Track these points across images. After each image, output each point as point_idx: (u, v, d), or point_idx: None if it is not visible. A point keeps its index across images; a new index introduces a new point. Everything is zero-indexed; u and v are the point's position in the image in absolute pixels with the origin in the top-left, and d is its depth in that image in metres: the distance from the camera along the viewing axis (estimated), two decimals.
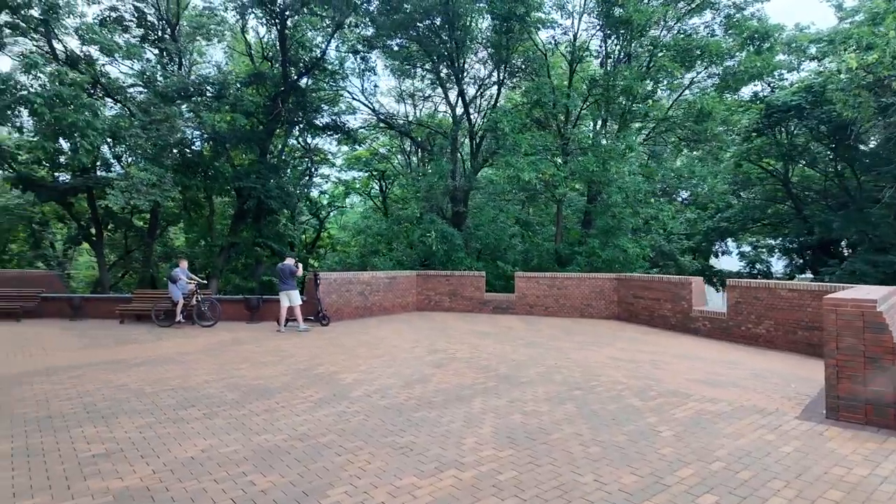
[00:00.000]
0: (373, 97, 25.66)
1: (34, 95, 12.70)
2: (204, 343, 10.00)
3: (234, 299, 13.47)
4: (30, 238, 30.80)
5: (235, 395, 6.25)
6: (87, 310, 13.94)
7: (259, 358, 8.51)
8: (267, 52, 21.25)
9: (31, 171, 19.82)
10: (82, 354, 8.96)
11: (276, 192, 19.09)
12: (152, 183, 14.88)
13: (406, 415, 5.45)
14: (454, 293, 14.86)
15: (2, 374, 7.47)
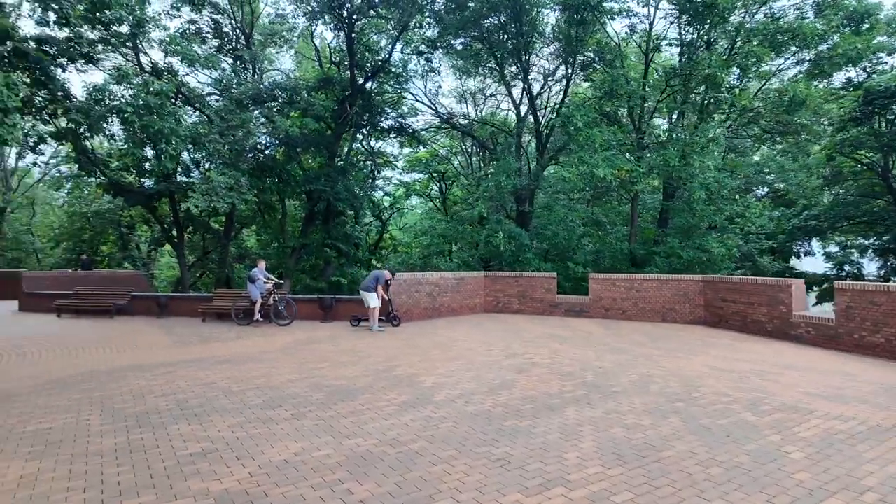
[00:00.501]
0: (435, 98, 25.56)
1: (125, 105, 13.53)
2: (282, 342, 10.17)
3: (307, 299, 13.71)
4: (118, 240, 33.16)
5: (320, 395, 6.20)
6: (172, 308, 14.65)
7: (337, 357, 8.50)
8: (334, 56, 21.68)
9: (120, 177, 21.20)
10: (171, 352, 9.32)
11: (344, 194, 19.40)
12: (230, 186, 15.47)
13: (496, 423, 5.15)
14: (523, 295, 14.44)
15: (102, 369, 7.85)
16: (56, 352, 9.40)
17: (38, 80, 14.05)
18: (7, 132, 10.06)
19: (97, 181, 23.39)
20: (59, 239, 32.77)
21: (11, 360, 8.65)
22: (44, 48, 14.24)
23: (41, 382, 7.07)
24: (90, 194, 30.29)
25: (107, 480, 3.88)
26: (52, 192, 40.01)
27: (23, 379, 7.28)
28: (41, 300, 16.07)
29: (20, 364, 8.34)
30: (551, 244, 18.30)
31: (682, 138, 15.76)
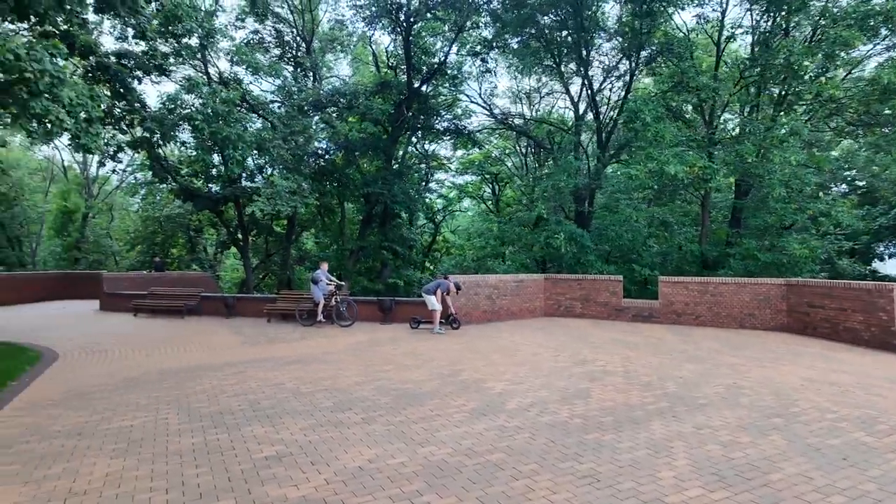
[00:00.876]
0: (490, 99, 25.27)
1: (196, 112, 14.12)
2: (345, 343, 10.19)
3: (367, 300, 13.77)
4: (187, 243, 34.88)
5: (387, 399, 6.07)
6: (239, 308, 15.12)
7: (401, 360, 8.39)
8: (391, 61, 21.85)
9: (190, 182, 22.22)
10: (241, 351, 9.52)
11: (400, 196, 19.47)
12: (293, 190, 15.82)
13: (576, 436, 4.82)
14: (587, 298, 13.89)
15: (177, 368, 8.09)
16: (134, 350, 9.82)
17: (118, 91, 14.91)
18: (91, 141, 10.64)
19: (169, 187, 24.65)
20: (135, 242, 34.86)
21: (94, 358, 9.09)
22: (122, 62, 15.10)
23: (121, 379, 7.35)
24: (162, 200, 32.05)
25: (187, 482, 3.87)
26: (128, 198, 42.71)
27: (104, 376, 7.60)
28: (119, 300, 17.01)
29: (102, 361, 8.75)
30: (614, 246, 17.59)
31: (759, 132, 14.71)
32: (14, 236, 38.44)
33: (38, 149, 44.29)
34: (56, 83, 9.52)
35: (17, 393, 6.63)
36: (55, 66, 9.32)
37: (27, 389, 6.80)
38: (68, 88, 10.22)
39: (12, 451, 4.56)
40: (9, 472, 4.10)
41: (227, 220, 25.60)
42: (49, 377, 7.52)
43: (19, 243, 38.78)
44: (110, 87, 15.25)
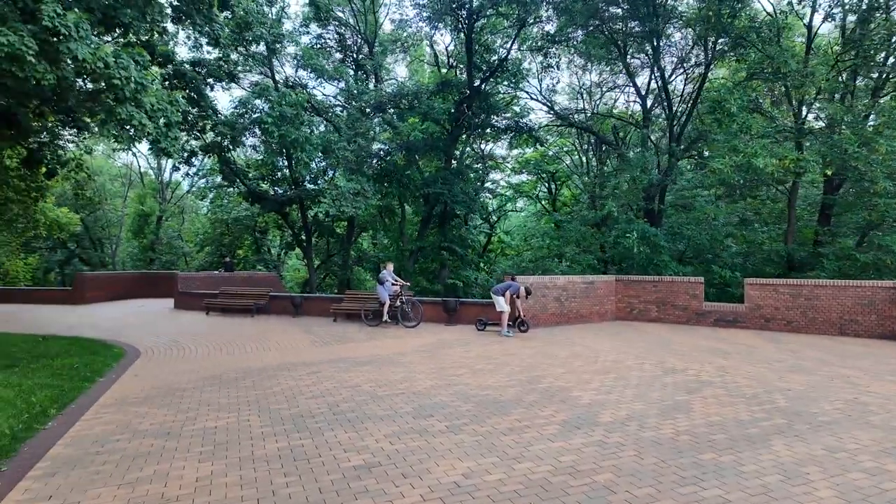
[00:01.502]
0: (551, 95, 24.57)
1: (265, 115, 14.45)
2: (413, 344, 10.00)
3: (431, 301, 13.58)
4: (253, 244, 36.18)
5: (469, 406, 5.76)
6: (306, 308, 15.32)
7: (474, 364, 8.07)
8: (450, 60, 21.67)
9: (257, 185, 22.94)
10: (312, 351, 9.51)
11: (461, 196, 19.22)
12: (356, 191, 15.90)
13: (689, 456, 4.32)
14: (663, 301, 13.08)
15: (253, 367, 8.13)
16: (210, 348, 10.03)
17: (192, 98, 15.51)
18: (170, 145, 11.02)
19: (237, 190, 25.61)
20: (204, 243, 36.53)
21: (173, 355, 9.33)
22: (196, 69, 15.71)
23: (202, 377, 7.44)
24: (230, 203, 33.39)
25: (278, 492, 3.70)
26: (198, 201, 44.88)
27: (186, 373, 7.73)
28: (192, 299, 17.69)
29: (182, 359, 8.96)
30: (689, 245, 16.53)
31: (857, 121, 13.36)
32: (97, 238, 41.27)
33: (118, 156, 47.45)
34: (140, 90, 9.85)
35: (105, 389, 6.82)
36: (140, 74, 9.64)
37: (114, 386, 6.99)
38: (150, 95, 10.59)
39: (105, 449, 4.58)
40: (104, 471, 4.09)
41: (292, 221, 26.28)
42: (133, 374, 7.73)
43: (101, 245, 41.58)
44: (186, 93, 15.90)
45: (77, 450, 4.58)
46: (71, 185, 22.05)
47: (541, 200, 41.19)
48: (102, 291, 20.68)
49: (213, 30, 13.62)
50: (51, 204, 27.31)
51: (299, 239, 26.21)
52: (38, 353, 8.86)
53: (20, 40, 7.85)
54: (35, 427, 5.15)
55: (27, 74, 8.15)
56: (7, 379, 6.95)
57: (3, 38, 7.79)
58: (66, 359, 8.43)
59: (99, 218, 40.68)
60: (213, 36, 13.71)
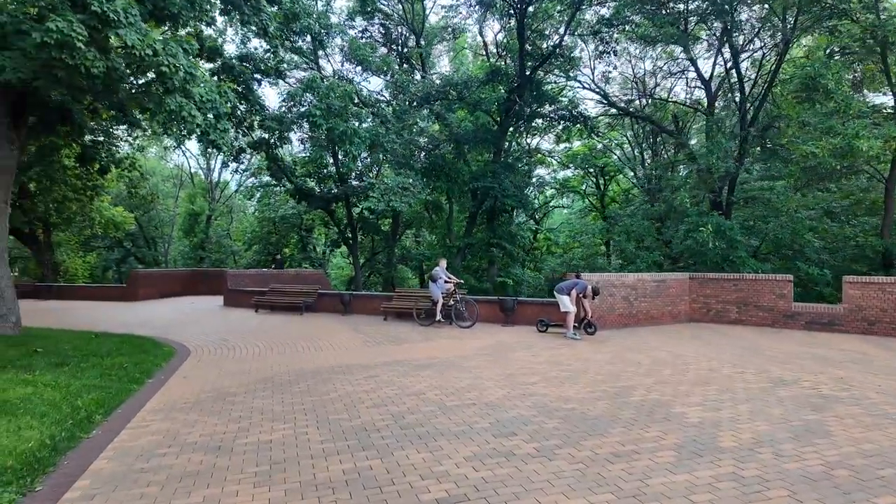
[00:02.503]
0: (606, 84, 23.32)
1: (314, 108, 14.04)
2: (473, 346, 9.25)
3: (486, 300, 12.79)
4: (299, 242, 36.36)
5: (555, 422, 4.95)
6: (354, 306, 14.84)
7: (546, 370, 7.24)
8: (500, 49, 20.79)
9: (304, 182, 22.74)
10: (366, 352, 8.91)
11: (512, 191, 18.34)
12: (405, 186, 15.30)
13: (862, 498, 3.37)
14: (745, 302, 11.83)
15: (307, 369, 7.58)
16: (261, 347, 9.59)
17: (240, 93, 15.29)
18: (219, 137, 10.69)
19: (284, 188, 25.58)
20: (251, 242, 36.99)
21: (223, 355, 8.92)
22: (244, 64, 15.48)
23: (253, 380, 6.92)
24: (277, 202, 33.64)
25: None
26: (245, 201, 45.73)
27: (237, 375, 7.24)
28: (241, 296, 17.55)
29: (232, 359, 8.52)
30: (767, 240, 15.06)
31: None
32: (150, 237, 42.57)
33: (170, 157, 48.95)
34: (189, 79, 9.49)
35: (154, 391, 6.39)
36: (189, 62, 9.28)
37: (163, 388, 6.55)
38: (199, 86, 10.24)
39: (151, 465, 4.03)
40: (148, 495, 3.52)
41: (338, 219, 26.06)
42: (183, 375, 7.30)
43: (155, 243, 42.86)
44: (234, 88, 15.71)
45: (121, 464, 4.06)
46: (125, 185, 22.50)
47: (588, 196, 39.79)
48: (155, 289, 20.94)
49: (260, 20, 13.27)
50: (107, 203, 28.13)
51: (345, 236, 25.96)
52: (89, 350, 8.61)
53: (69, 26, 7.55)
54: (79, 436, 4.69)
55: (77, 62, 7.85)
56: (56, 379, 6.62)
57: (52, 24, 7.51)
58: (116, 357, 8.13)
59: (152, 218, 41.95)
60: (262, 26, 13.36)
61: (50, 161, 17.03)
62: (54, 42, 7.56)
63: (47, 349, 8.61)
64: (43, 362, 7.57)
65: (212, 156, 42.46)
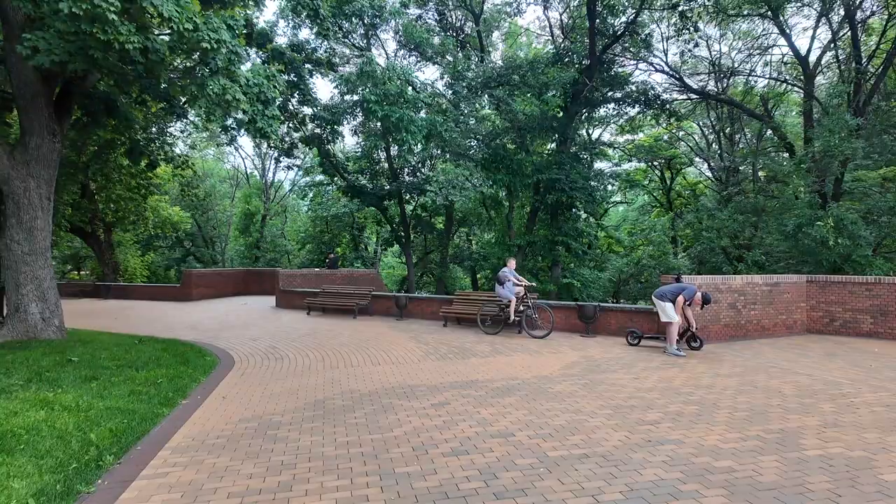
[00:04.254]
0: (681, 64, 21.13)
1: (368, 93, 12.96)
2: (555, 363, 7.78)
3: (563, 306, 11.24)
4: (351, 241, 35.87)
5: (718, 497, 3.44)
6: (410, 309, 13.67)
7: (663, 402, 5.69)
8: (566, 29, 19.08)
9: (356, 179, 21.87)
10: (429, 369, 7.61)
11: (580, 183, 16.62)
12: (465, 178, 13.96)
13: None
14: (883, 310, 9.73)
15: (363, 390, 6.35)
16: (310, 358, 8.50)
17: (292, 81, 14.44)
18: (267, 124, 9.71)
19: (336, 185, 24.87)
20: (304, 241, 36.84)
21: (269, 367, 7.87)
22: (295, 52, 14.63)
23: (301, 404, 5.76)
24: (329, 200, 33.23)
25: None
26: (299, 200, 45.94)
27: (283, 396, 6.10)
28: (293, 297, 16.78)
29: (279, 373, 7.43)
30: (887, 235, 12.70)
31: None
32: (209, 237, 43.36)
33: (226, 159, 49.92)
34: (234, 59, 8.50)
35: (185, 416, 5.33)
36: (232, 38, 8.28)
37: (197, 412, 5.48)
38: (245, 69, 9.29)
39: None
40: None
41: (390, 216, 25.10)
42: (222, 394, 6.25)
43: (212, 243, 43.63)
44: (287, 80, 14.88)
45: None
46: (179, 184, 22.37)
47: (652, 192, 37.26)
48: (208, 288, 20.61)
49: (312, 1, 12.30)
50: (164, 203, 28.43)
51: (397, 235, 24.95)
52: (125, 361, 7.77)
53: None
54: (77, 490, 3.60)
55: (109, 37, 6.95)
56: (79, 399, 5.70)
57: None
58: (152, 370, 7.21)
59: (210, 218, 42.72)
60: (313, 7, 12.38)
61: (105, 159, 16.83)
62: (83, 13, 6.70)
63: (83, 358, 7.83)
64: (72, 376, 6.72)
65: (267, 156, 42.82)
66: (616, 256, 31.97)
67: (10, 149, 9.17)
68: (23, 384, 6.24)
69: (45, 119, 9.29)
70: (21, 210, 9.18)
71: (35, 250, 9.32)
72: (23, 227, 9.20)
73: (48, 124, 9.34)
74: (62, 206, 17.86)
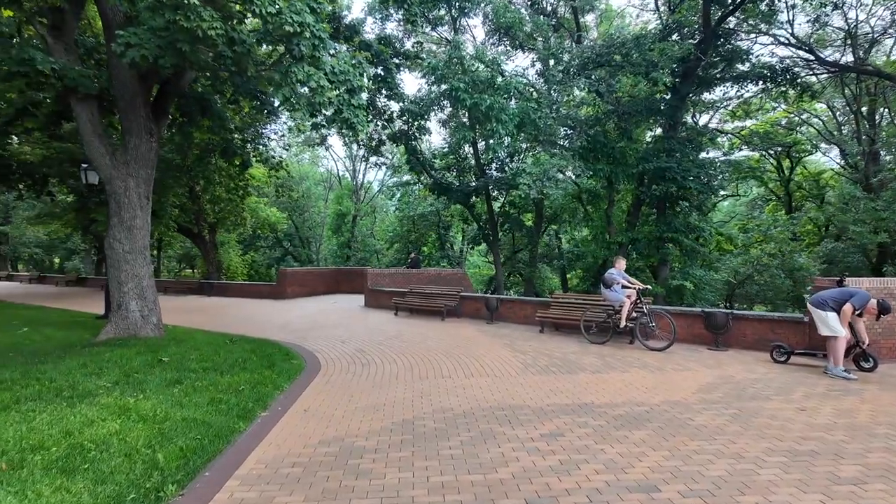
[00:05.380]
0: (821, 28, 18.23)
1: (457, 80, 12.14)
2: (688, 384, 6.42)
3: (681, 312, 9.66)
4: (437, 240, 35.54)
5: None
6: (502, 311, 12.67)
7: (858, 450, 4.23)
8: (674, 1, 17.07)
9: (443, 176, 21.25)
10: (531, 385, 6.57)
11: (695, 171, 14.66)
12: (561, 169, 12.69)
13: None
14: None
15: (457, 410, 5.46)
16: (398, 365, 7.79)
17: (379, 75, 14.00)
18: (353, 114, 9.18)
19: (424, 183, 24.46)
20: (392, 240, 37.10)
21: (356, 374, 7.24)
22: (382, 44, 14.19)
23: (386, 425, 4.98)
24: (415, 200, 33.14)
25: None
26: (387, 200, 46.64)
27: (366, 413, 5.38)
28: (381, 296, 16.43)
29: (366, 382, 6.76)
30: None
31: None
32: (305, 237, 45.23)
33: (321, 163, 51.90)
34: (318, 44, 7.99)
35: (263, 433, 4.75)
36: (316, 22, 7.76)
37: (276, 429, 4.89)
38: (330, 56, 8.79)
39: None
40: None
41: (477, 214, 24.26)
42: (304, 407, 5.65)
43: (308, 243, 45.45)
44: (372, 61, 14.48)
45: None
46: (273, 185, 23.03)
47: (767, 183, 33.42)
48: (301, 287, 20.96)
49: None
50: (262, 204, 29.71)
51: (485, 233, 24.02)
52: (212, 363, 7.51)
53: None
54: None
55: (192, 24, 6.63)
56: (158, 406, 5.34)
57: None
58: (237, 374, 6.84)
59: (306, 219, 44.58)
60: None
61: (207, 162, 17.50)
62: (167, 1, 6.44)
63: (173, 359, 7.68)
64: (158, 378, 6.48)
65: (357, 158, 43.83)
66: (729, 255, 28.83)
67: (112, 150, 9.38)
68: (109, 387, 6.05)
69: (142, 119, 9.41)
70: (122, 209, 9.36)
71: (135, 248, 9.48)
72: (123, 225, 9.38)
73: (145, 124, 9.46)
74: (169, 207, 18.91)
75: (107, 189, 9.42)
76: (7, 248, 46.89)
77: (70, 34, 9.31)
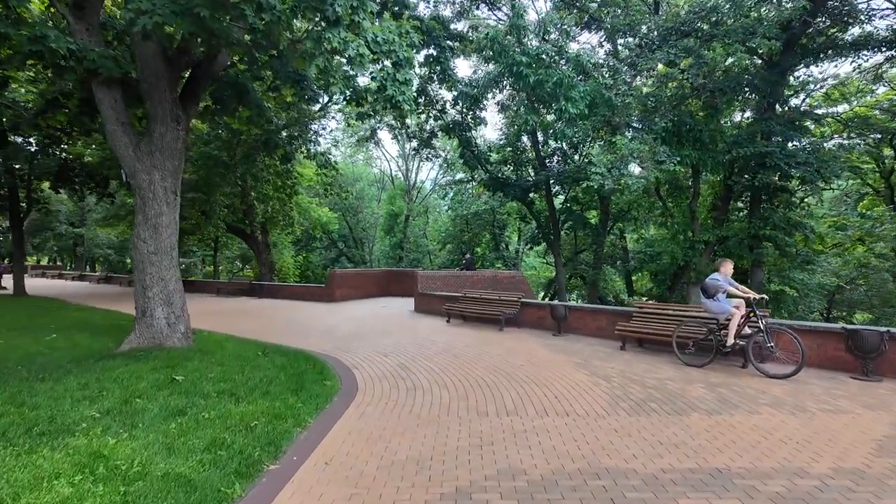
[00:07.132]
0: None
1: (519, 55, 10.57)
2: (851, 434, 4.56)
3: (807, 328, 7.60)
4: (491, 241, 33.93)
5: None
6: (571, 322, 10.93)
7: None
8: None
9: (499, 170, 19.69)
10: (626, 432, 4.90)
11: (802, 157, 12.31)
12: (643, 155, 10.81)
13: None
14: None
15: (531, 474, 3.89)
16: (448, 392, 6.31)
17: (431, 56, 12.65)
18: (398, 91, 7.82)
19: (478, 180, 22.95)
20: (445, 241, 35.82)
21: (396, 404, 5.83)
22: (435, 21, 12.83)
23: (433, 499, 3.51)
24: (469, 198, 31.72)
25: None
26: (440, 200, 45.47)
27: (404, 469, 3.93)
28: (431, 301, 15.09)
29: (405, 415, 5.34)
30: None
31: None
32: (358, 238, 44.85)
33: (373, 164, 51.49)
34: (356, 6, 6.66)
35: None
36: None
37: (279, 498, 3.53)
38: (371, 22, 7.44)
39: None
40: None
41: (536, 211, 22.47)
42: (325, 458, 4.28)
43: (361, 244, 45.03)
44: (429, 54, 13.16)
45: None
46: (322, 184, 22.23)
47: (864, 175, 29.58)
48: (350, 289, 20.01)
49: None
50: (315, 204, 29.18)
51: (544, 232, 22.19)
52: (232, 385, 6.32)
53: None
54: None
55: None
56: (138, 454, 4.13)
57: None
58: (254, 402, 5.59)
59: (360, 220, 44.19)
60: None
61: (253, 159, 16.79)
62: None
63: (188, 378, 6.56)
64: (160, 406, 5.33)
65: (410, 157, 42.93)
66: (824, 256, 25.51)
67: (136, 140, 8.48)
68: (98, 417, 4.94)
69: (168, 104, 8.46)
70: (146, 205, 8.45)
71: (160, 249, 8.54)
72: (148, 223, 8.47)
73: (172, 110, 8.51)
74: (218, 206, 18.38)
75: (131, 184, 8.55)
76: (83, 250, 49.48)
77: (94, 14, 8.49)
